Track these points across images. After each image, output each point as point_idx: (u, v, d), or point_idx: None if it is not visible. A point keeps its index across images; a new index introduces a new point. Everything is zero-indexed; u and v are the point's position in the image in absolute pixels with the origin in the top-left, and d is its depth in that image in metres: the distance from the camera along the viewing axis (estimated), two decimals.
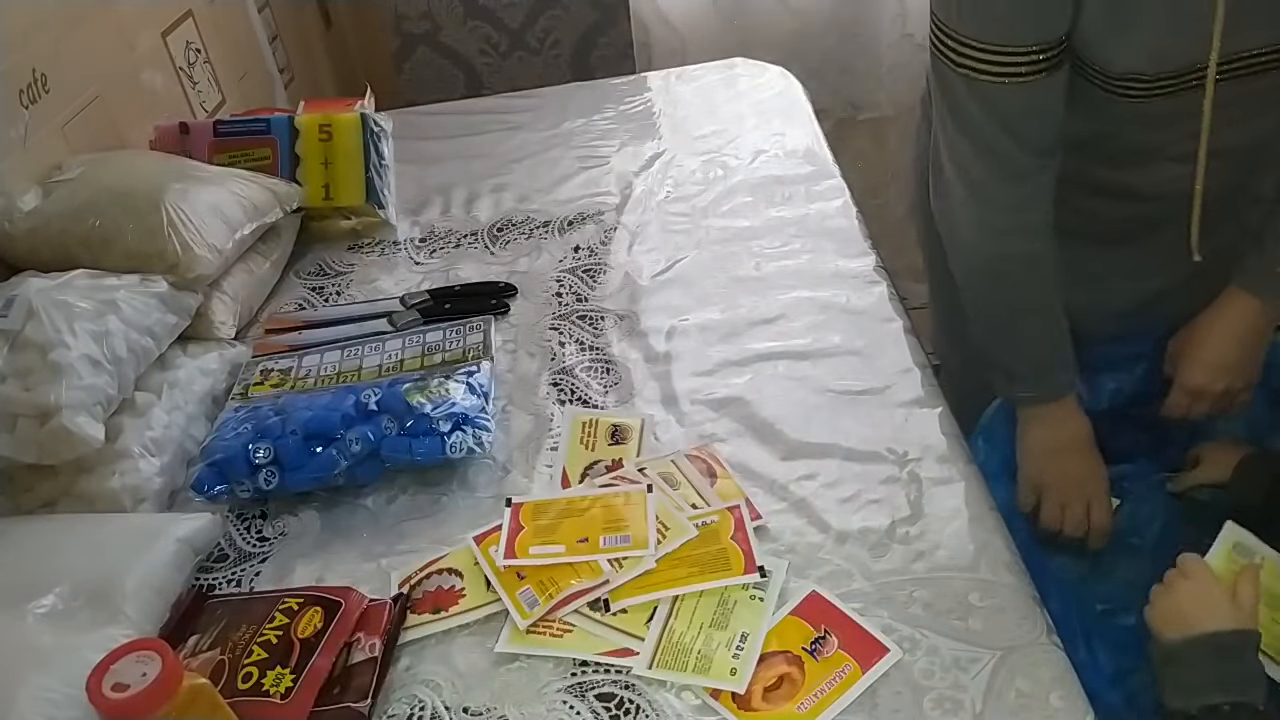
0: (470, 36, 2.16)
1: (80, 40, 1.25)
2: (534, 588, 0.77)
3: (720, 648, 0.72)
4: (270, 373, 1.06)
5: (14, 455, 0.85)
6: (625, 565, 0.78)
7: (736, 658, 0.71)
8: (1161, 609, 0.77)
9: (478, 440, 0.90)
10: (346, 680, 0.72)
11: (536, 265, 1.23)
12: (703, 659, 0.71)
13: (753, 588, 0.76)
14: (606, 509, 0.83)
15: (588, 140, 1.50)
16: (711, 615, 0.74)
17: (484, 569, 0.80)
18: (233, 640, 0.74)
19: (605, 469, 0.90)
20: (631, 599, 0.76)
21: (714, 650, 0.72)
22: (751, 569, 0.76)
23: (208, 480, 0.89)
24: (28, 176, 1.11)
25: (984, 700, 0.67)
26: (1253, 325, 0.97)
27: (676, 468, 0.88)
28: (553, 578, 0.78)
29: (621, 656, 0.73)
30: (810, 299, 1.08)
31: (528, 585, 0.78)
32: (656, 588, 0.76)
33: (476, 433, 0.91)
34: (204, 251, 1.06)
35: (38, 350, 0.88)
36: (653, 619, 0.75)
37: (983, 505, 0.82)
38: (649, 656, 0.72)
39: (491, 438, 0.92)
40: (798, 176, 1.30)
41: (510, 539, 0.81)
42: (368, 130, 1.33)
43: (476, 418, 0.92)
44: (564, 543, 0.80)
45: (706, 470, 0.87)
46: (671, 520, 0.81)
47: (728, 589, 0.76)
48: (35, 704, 0.66)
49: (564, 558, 0.79)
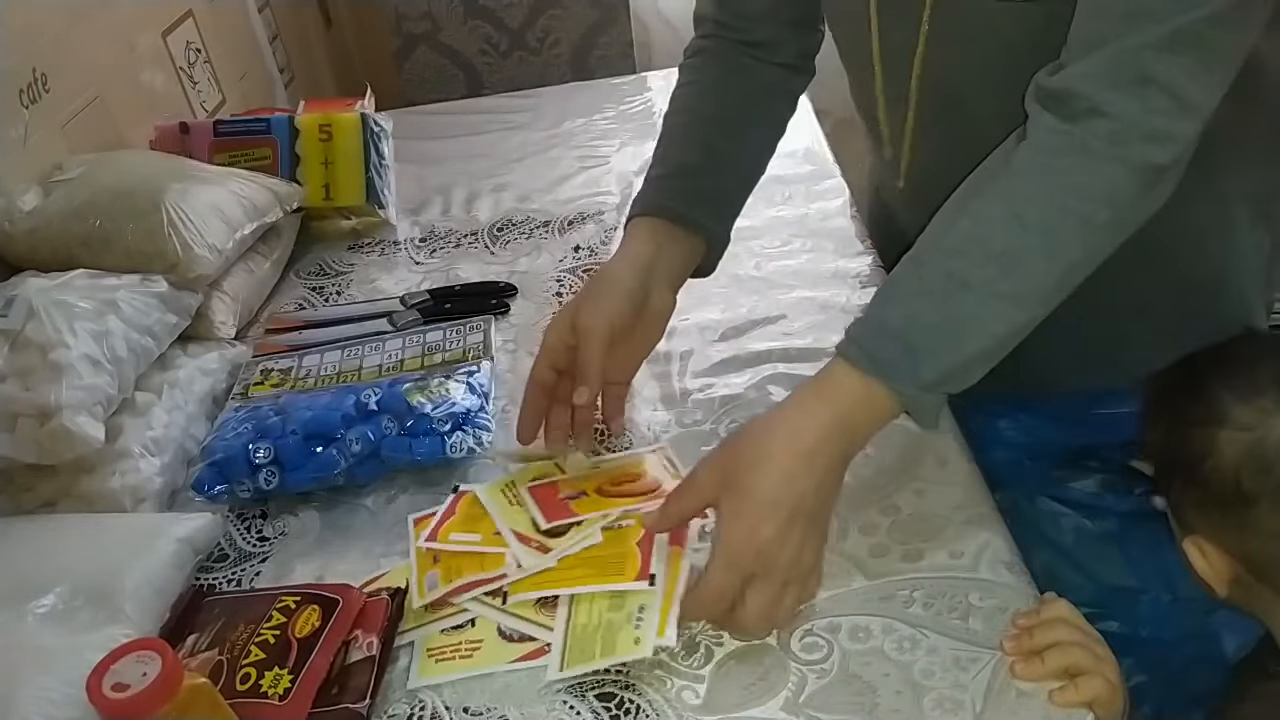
0: (470, 36, 2.16)
1: (80, 40, 1.25)
2: (440, 571, 0.78)
3: (621, 625, 0.72)
4: (270, 372, 1.06)
5: (14, 455, 0.85)
6: (525, 563, 0.77)
7: (638, 627, 0.71)
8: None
9: (478, 440, 0.90)
10: (344, 680, 0.72)
11: (536, 265, 1.23)
12: (607, 641, 0.71)
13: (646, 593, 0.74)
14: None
15: (588, 140, 1.50)
16: (609, 602, 0.74)
17: (409, 546, 0.81)
18: (231, 640, 0.74)
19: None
20: (528, 594, 0.76)
21: (616, 631, 0.71)
22: (644, 576, 0.74)
23: (208, 480, 0.89)
24: (28, 176, 1.11)
25: (984, 700, 0.67)
26: (831, 429, 0.70)
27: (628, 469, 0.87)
28: (459, 566, 0.78)
29: (534, 659, 0.73)
30: (811, 299, 1.08)
31: (437, 569, 0.78)
32: (552, 585, 0.76)
33: (477, 433, 0.91)
34: (204, 251, 1.06)
35: (38, 350, 0.88)
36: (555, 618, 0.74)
37: (983, 505, 0.82)
38: (559, 659, 0.72)
39: (492, 437, 0.92)
40: (798, 176, 1.30)
41: (439, 524, 0.82)
42: (368, 130, 1.33)
43: (477, 417, 0.92)
44: (482, 533, 0.80)
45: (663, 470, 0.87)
46: (588, 523, 0.80)
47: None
48: (35, 704, 0.66)
49: (476, 546, 0.79)
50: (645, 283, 0.87)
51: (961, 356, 0.70)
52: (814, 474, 0.69)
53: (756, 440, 0.71)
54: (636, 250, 0.88)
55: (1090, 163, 0.67)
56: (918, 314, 0.70)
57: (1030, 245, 0.69)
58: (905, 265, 0.73)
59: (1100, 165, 0.67)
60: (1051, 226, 0.69)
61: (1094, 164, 0.67)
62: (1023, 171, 0.70)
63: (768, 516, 0.68)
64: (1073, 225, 0.68)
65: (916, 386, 0.70)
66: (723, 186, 0.95)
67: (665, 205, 0.90)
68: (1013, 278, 0.69)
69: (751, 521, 0.68)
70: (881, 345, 0.70)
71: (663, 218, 0.89)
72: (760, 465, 0.69)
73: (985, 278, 0.69)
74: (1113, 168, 0.67)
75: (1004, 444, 0.98)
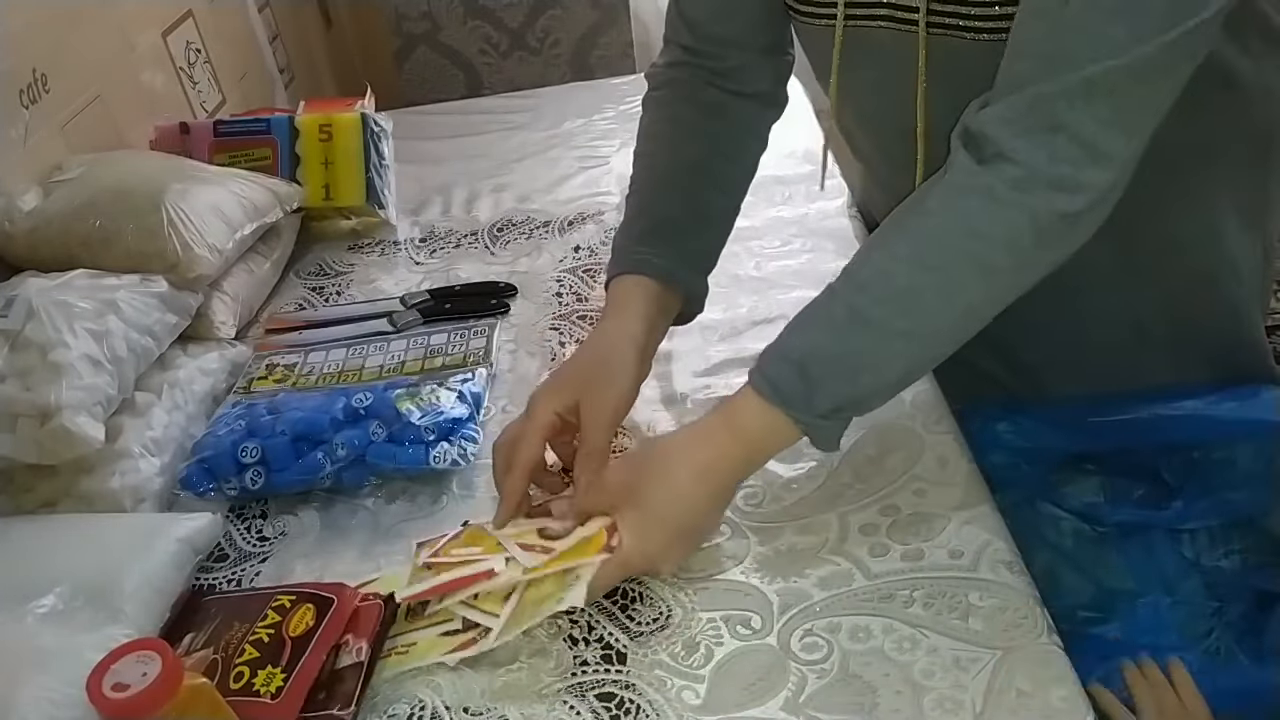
0: (470, 36, 2.16)
1: (80, 40, 1.25)
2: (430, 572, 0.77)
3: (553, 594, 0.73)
4: (275, 367, 1.06)
5: (14, 455, 0.85)
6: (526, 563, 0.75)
7: (571, 586, 0.72)
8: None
9: (463, 452, 0.90)
10: (333, 685, 0.72)
11: (536, 265, 1.23)
12: (539, 606, 0.73)
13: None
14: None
15: (588, 140, 1.50)
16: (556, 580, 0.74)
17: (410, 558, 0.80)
18: (226, 639, 0.74)
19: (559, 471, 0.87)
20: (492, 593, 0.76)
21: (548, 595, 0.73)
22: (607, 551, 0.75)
23: (196, 477, 0.89)
24: (28, 176, 1.11)
25: (984, 700, 0.67)
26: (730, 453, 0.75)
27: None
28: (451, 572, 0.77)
29: (467, 648, 0.73)
30: (810, 299, 1.07)
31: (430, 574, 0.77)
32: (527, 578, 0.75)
33: (463, 445, 0.90)
34: (204, 251, 1.06)
35: (38, 350, 0.88)
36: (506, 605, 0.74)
37: (983, 505, 0.82)
38: (498, 630, 0.72)
39: (477, 449, 0.91)
40: (798, 176, 1.30)
41: (442, 546, 0.80)
42: (368, 130, 1.33)
43: (465, 428, 0.92)
44: (483, 547, 0.78)
45: None
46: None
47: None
48: (35, 704, 0.66)
49: (476, 555, 0.77)
50: (643, 359, 0.86)
51: (857, 390, 0.72)
52: (705, 495, 0.76)
53: (661, 457, 0.77)
54: (632, 328, 0.86)
55: (992, 208, 0.68)
56: (818, 346, 0.73)
57: (928, 285, 0.70)
58: (821, 294, 0.76)
59: (1001, 211, 0.68)
60: (951, 268, 0.70)
61: (996, 209, 0.68)
62: (932, 211, 0.71)
63: (656, 531, 0.75)
64: (970, 268, 0.70)
65: (812, 415, 0.72)
66: (707, 242, 0.94)
67: (654, 264, 0.88)
68: (910, 316, 0.71)
69: (643, 532, 0.75)
70: (783, 373, 0.73)
71: (652, 277, 0.88)
72: (658, 481, 0.76)
73: (884, 315, 0.71)
74: (1013, 214, 0.67)
75: (1003, 447, 0.98)
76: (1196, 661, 0.85)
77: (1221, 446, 0.92)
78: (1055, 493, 0.96)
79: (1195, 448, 0.93)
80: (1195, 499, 0.91)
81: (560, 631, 0.76)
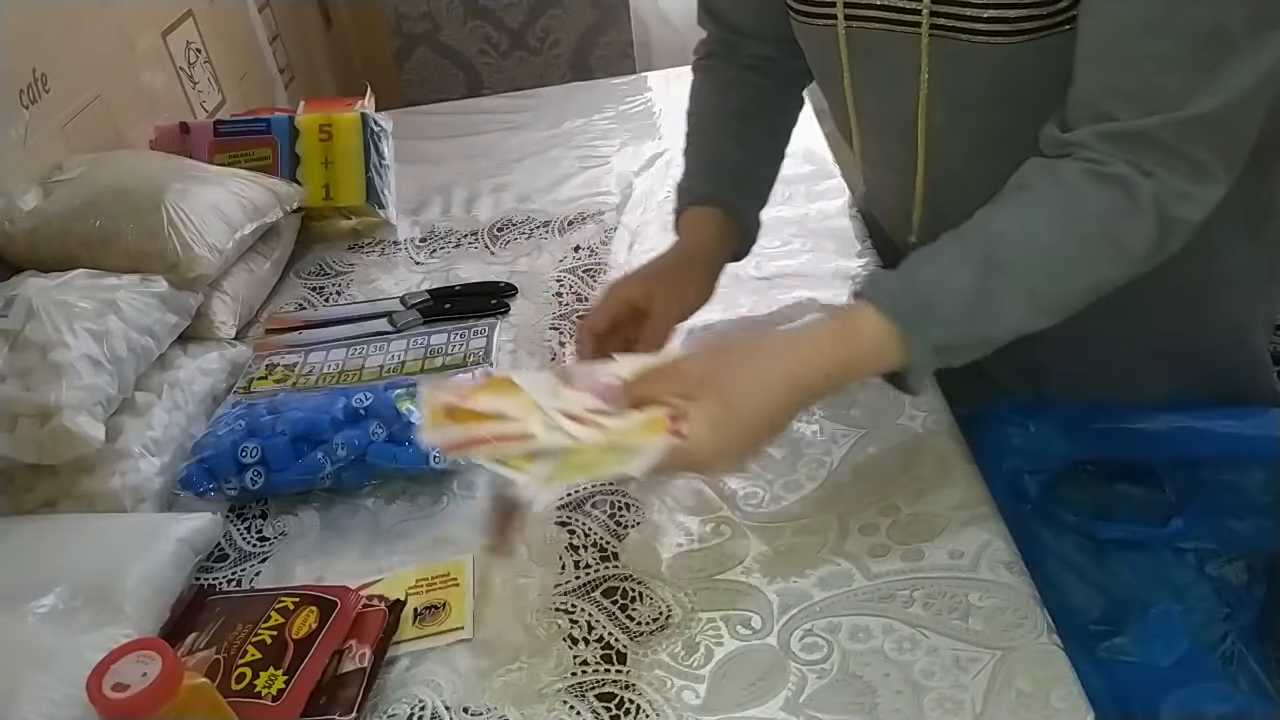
0: (470, 36, 2.16)
1: (80, 40, 1.25)
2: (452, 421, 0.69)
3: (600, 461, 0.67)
4: (276, 367, 1.06)
5: (14, 455, 0.85)
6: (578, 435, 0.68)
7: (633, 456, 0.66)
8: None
9: None
10: (334, 690, 0.72)
11: (536, 265, 1.23)
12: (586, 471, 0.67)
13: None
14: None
15: (588, 140, 1.50)
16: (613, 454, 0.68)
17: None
18: (229, 639, 0.74)
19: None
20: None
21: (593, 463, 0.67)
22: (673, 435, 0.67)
23: (196, 477, 0.89)
24: (28, 176, 1.11)
25: (984, 700, 0.67)
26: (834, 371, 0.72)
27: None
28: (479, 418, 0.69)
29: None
30: (811, 299, 1.08)
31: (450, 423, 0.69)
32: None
33: None
34: (204, 251, 1.06)
35: (38, 350, 0.88)
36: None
37: (983, 505, 0.82)
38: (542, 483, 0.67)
39: None
40: (798, 176, 1.30)
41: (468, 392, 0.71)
42: (368, 130, 1.33)
43: None
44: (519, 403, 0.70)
45: None
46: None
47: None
48: (36, 704, 0.66)
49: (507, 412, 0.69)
50: (711, 276, 0.94)
51: (970, 333, 0.72)
52: (791, 396, 0.71)
53: (758, 359, 0.71)
54: (707, 246, 0.94)
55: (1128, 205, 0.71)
56: (951, 281, 0.72)
57: (1069, 252, 0.72)
58: (947, 237, 0.75)
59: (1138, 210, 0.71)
60: (1091, 240, 0.72)
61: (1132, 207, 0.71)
62: (1076, 186, 0.72)
63: (733, 426, 0.69)
64: (1110, 248, 0.72)
65: (925, 343, 0.71)
66: (756, 177, 1.01)
67: (714, 197, 0.95)
68: (1042, 274, 0.72)
69: (719, 425, 0.68)
70: (906, 297, 0.72)
71: (715, 206, 0.95)
72: (753, 384, 0.70)
73: (1019, 268, 0.71)
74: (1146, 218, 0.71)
75: (1012, 453, 0.98)
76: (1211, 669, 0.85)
77: (1230, 469, 0.91)
78: (1063, 500, 0.96)
79: (1203, 465, 0.92)
80: (1196, 519, 0.90)
81: (560, 631, 0.76)
